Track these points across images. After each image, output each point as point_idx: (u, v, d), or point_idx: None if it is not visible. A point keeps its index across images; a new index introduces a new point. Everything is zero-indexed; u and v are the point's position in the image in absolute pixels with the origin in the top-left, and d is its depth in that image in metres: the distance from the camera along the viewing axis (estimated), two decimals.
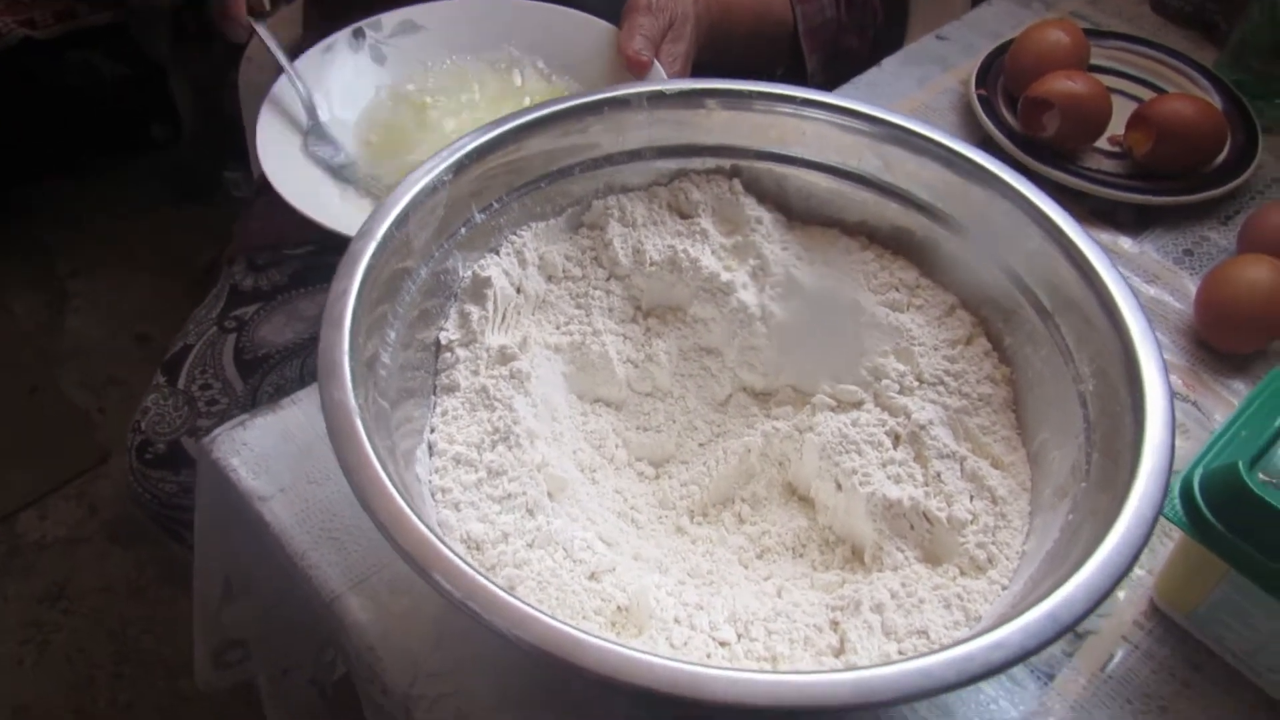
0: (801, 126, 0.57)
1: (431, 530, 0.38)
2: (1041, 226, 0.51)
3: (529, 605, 0.35)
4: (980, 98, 0.82)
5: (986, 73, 0.85)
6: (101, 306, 1.73)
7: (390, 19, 0.77)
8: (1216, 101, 0.82)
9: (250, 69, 1.13)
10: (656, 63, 0.72)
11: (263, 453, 0.58)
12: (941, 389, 0.52)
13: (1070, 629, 0.36)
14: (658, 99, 0.56)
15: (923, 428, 0.51)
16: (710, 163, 0.59)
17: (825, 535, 0.52)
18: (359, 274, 0.46)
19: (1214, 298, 0.67)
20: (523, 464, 0.49)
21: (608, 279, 0.58)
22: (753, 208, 0.58)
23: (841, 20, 0.94)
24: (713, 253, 0.57)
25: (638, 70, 0.71)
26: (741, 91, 0.56)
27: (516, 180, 0.55)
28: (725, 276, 0.55)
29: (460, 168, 0.52)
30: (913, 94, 0.86)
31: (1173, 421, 0.42)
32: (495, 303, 0.54)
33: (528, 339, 0.54)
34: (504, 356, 0.53)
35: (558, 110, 0.55)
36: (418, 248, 0.51)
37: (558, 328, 0.56)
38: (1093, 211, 0.76)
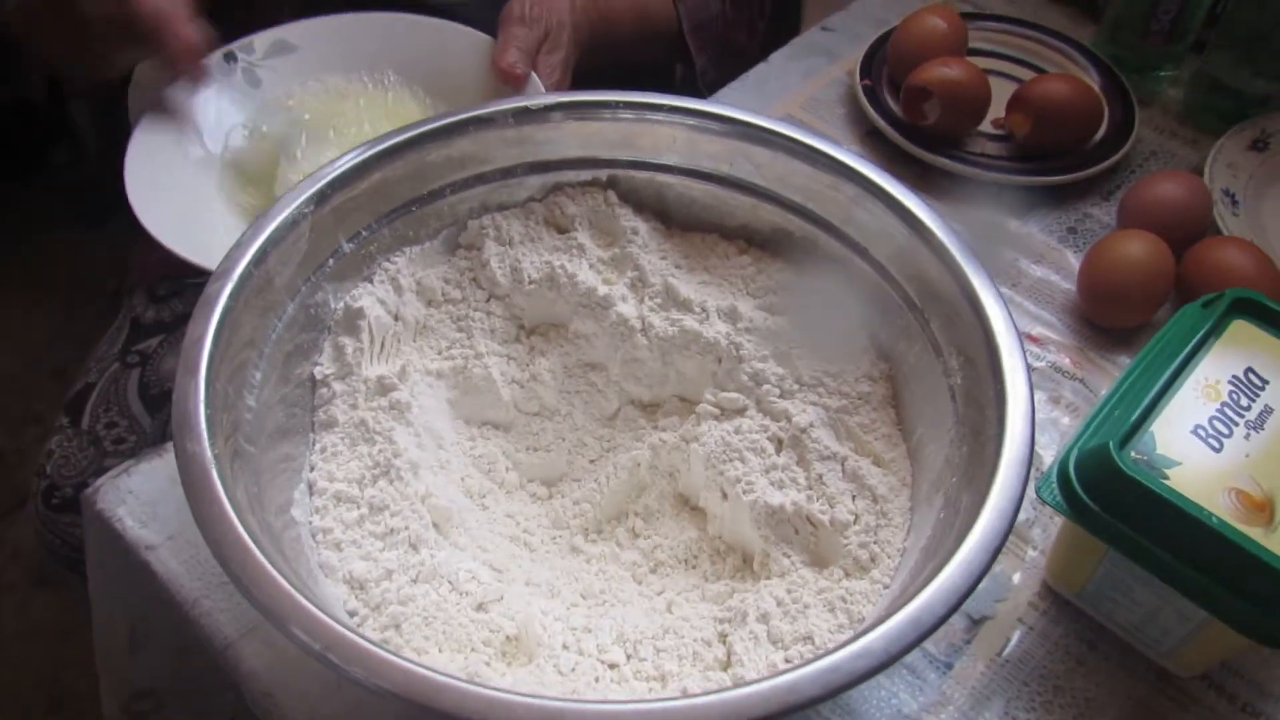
0: (673, 134, 0.57)
1: (292, 579, 0.37)
2: (906, 222, 0.51)
3: (387, 651, 0.35)
4: (865, 88, 0.82)
5: (871, 62, 0.85)
6: (12, 337, 1.68)
7: (262, 40, 0.76)
8: (1094, 78, 0.84)
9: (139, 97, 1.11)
10: (533, 74, 0.72)
11: (149, 499, 0.57)
12: (821, 390, 0.53)
13: (932, 631, 0.37)
14: (523, 115, 0.56)
15: (804, 431, 0.51)
16: (585, 175, 0.58)
17: (716, 545, 0.52)
18: (214, 319, 0.45)
19: (1094, 273, 0.68)
20: (405, 497, 0.49)
21: (488, 300, 0.57)
22: (628, 218, 0.58)
23: (728, 16, 0.94)
24: (590, 266, 0.57)
25: (513, 83, 0.71)
26: (608, 102, 0.56)
27: (384, 206, 0.54)
28: (603, 290, 0.55)
29: (322, 197, 0.51)
30: (799, 88, 0.86)
31: (1032, 412, 0.43)
32: (371, 333, 0.53)
33: (407, 367, 0.53)
34: (382, 387, 0.52)
35: (421, 133, 0.54)
36: (281, 284, 0.50)
37: (439, 353, 0.56)
38: (979, 195, 0.77)
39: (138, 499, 0.57)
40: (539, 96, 0.56)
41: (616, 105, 0.56)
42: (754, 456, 0.51)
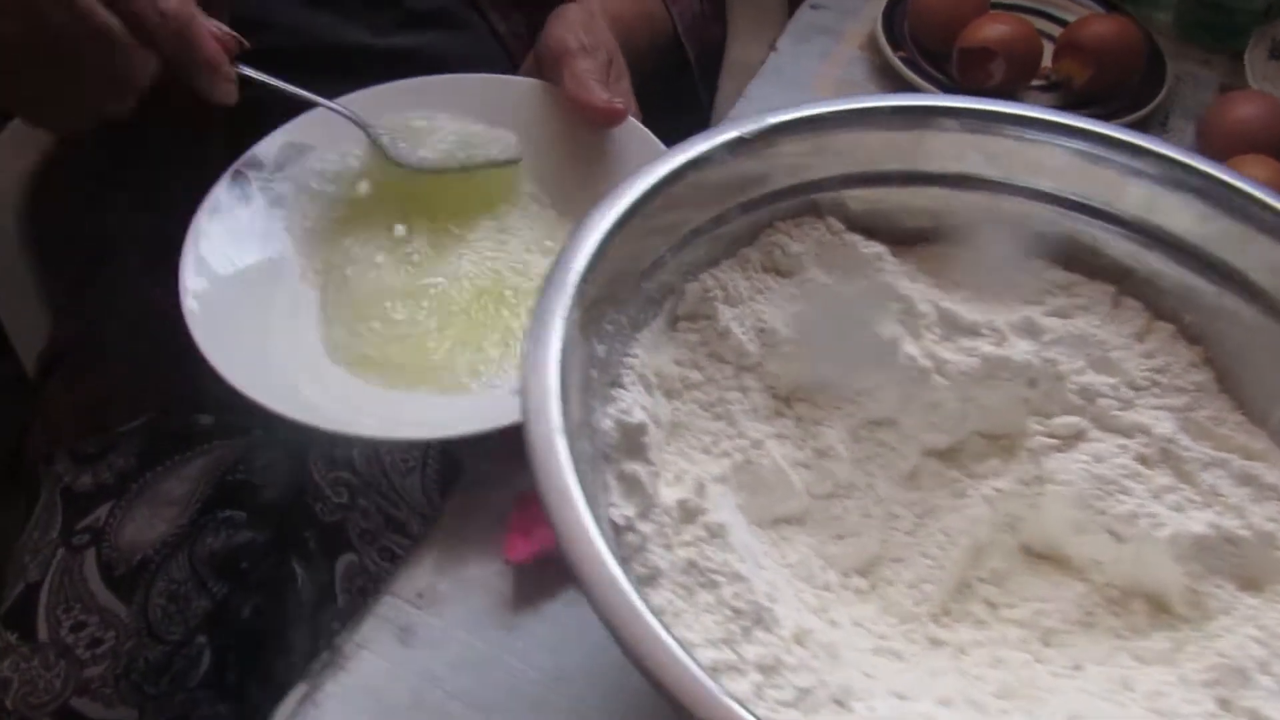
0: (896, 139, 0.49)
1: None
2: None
3: None
4: (905, 60, 0.77)
5: (890, 32, 0.80)
6: None
7: (267, 148, 0.61)
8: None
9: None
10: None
11: None
12: (1157, 390, 0.47)
13: None
14: (739, 146, 0.46)
15: (1170, 440, 0.45)
16: (795, 203, 0.49)
17: (1108, 594, 0.45)
18: (569, 476, 0.33)
19: None
20: (783, 641, 0.38)
21: (736, 374, 0.47)
22: (866, 244, 0.49)
23: (706, 11, 0.86)
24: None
25: (613, 121, 0.60)
26: (828, 115, 0.47)
27: (622, 292, 0.43)
28: (887, 333, 0.46)
29: (581, 296, 0.39)
30: (820, 70, 0.80)
31: None
32: (655, 449, 0.42)
33: (695, 478, 0.43)
34: (687, 513, 0.41)
35: (647, 191, 0.43)
36: (574, 416, 0.38)
37: (706, 452, 0.45)
38: None
39: None
40: (749, 123, 0.46)
41: (842, 116, 0.47)
42: (1135, 483, 0.44)
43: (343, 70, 0.73)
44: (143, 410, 0.80)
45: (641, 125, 0.61)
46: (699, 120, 0.94)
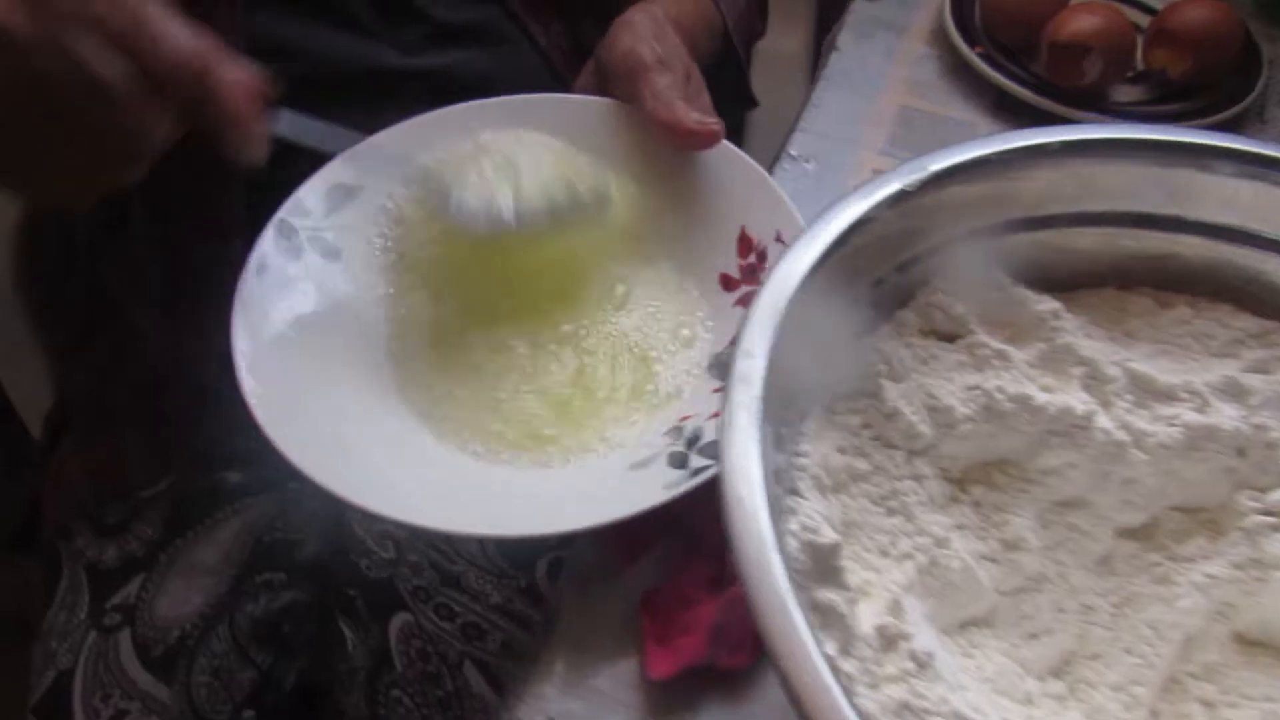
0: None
1: None
2: None
3: None
4: (982, 56, 0.71)
5: (961, 26, 0.74)
6: None
7: (311, 192, 0.53)
8: None
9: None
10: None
11: None
12: None
13: None
14: (899, 199, 0.40)
15: None
16: (947, 257, 0.43)
17: None
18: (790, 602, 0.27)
19: None
20: None
21: (907, 460, 0.41)
22: (1037, 299, 0.43)
23: (750, 6, 0.79)
24: (1026, 377, 0.42)
25: (709, 143, 0.53)
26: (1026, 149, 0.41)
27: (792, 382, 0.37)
28: (1081, 408, 0.41)
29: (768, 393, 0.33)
30: (889, 71, 0.74)
31: None
32: (850, 571, 0.36)
33: (889, 594, 0.37)
34: (887, 640, 0.36)
35: (806, 279, 0.37)
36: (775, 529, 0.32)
37: (884, 554, 0.39)
38: None
39: None
40: (908, 172, 0.40)
41: (1010, 156, 0.41)
42: None
43: (370, 97, 0.65)
44: (164, 472, 0.73)
45: (733, 146, 0.55)
46: (737, 121, 0.87)
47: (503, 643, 0.68)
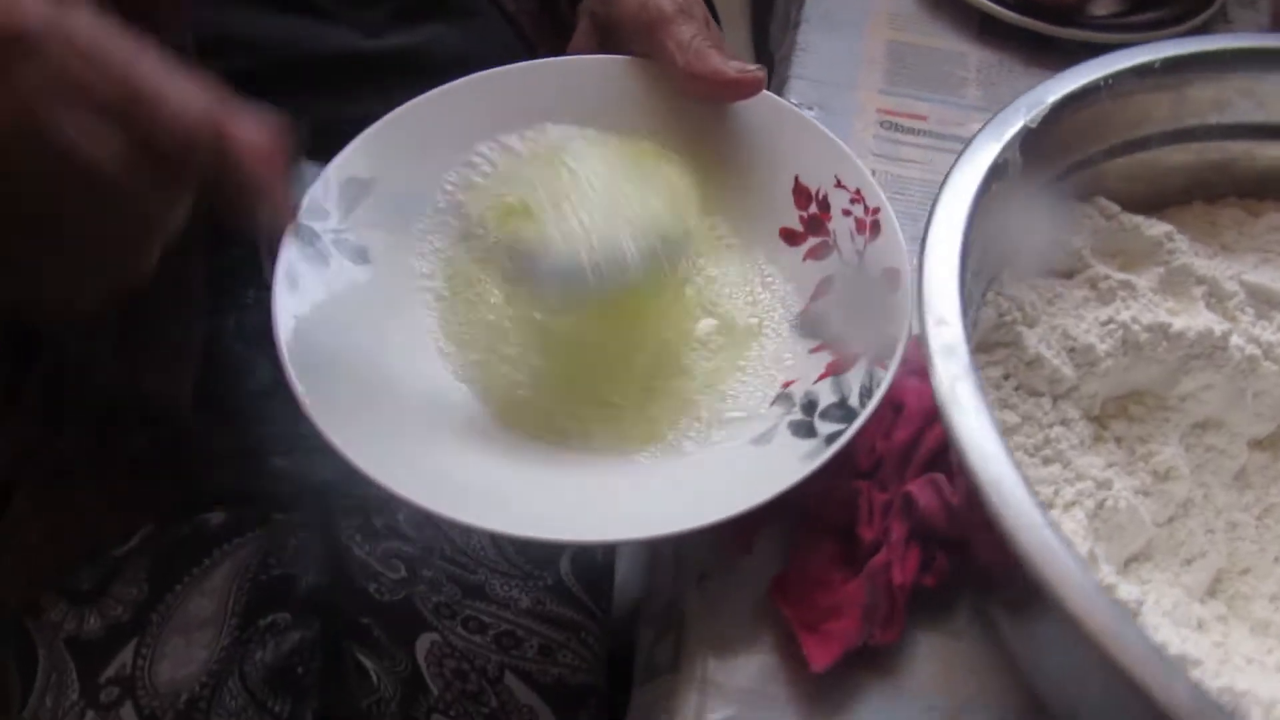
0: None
1: None
2: None
3: None
4: None
5: None
6: None
7: (326, 192, 0.48)
8: None
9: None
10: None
11: None
12: None
13: None
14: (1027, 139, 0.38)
15: None
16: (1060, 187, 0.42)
17: None
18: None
19: None
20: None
21: (1054, 405, 0.40)
22: (1149, 224, 0.42)
23: None
24: (1154, 305, 0.41)
25: (753, 90, 0.49)
26: None
27: None
28: (1219, 328, 0.40)
29: None
30: (870, 5, 0.72)
31: None
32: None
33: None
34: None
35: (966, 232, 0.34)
36: None
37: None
38: None
39: None
40: (1028, 108, 0.38)
41: (1120, 78, 0.40)
42: None
43: (337, 84, 0.60)
44: (137, 523, 0.66)
45: (775, 95, 0.52)
46: None
47: (540, 647, 0.65)
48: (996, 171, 0.37)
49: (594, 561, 0.72)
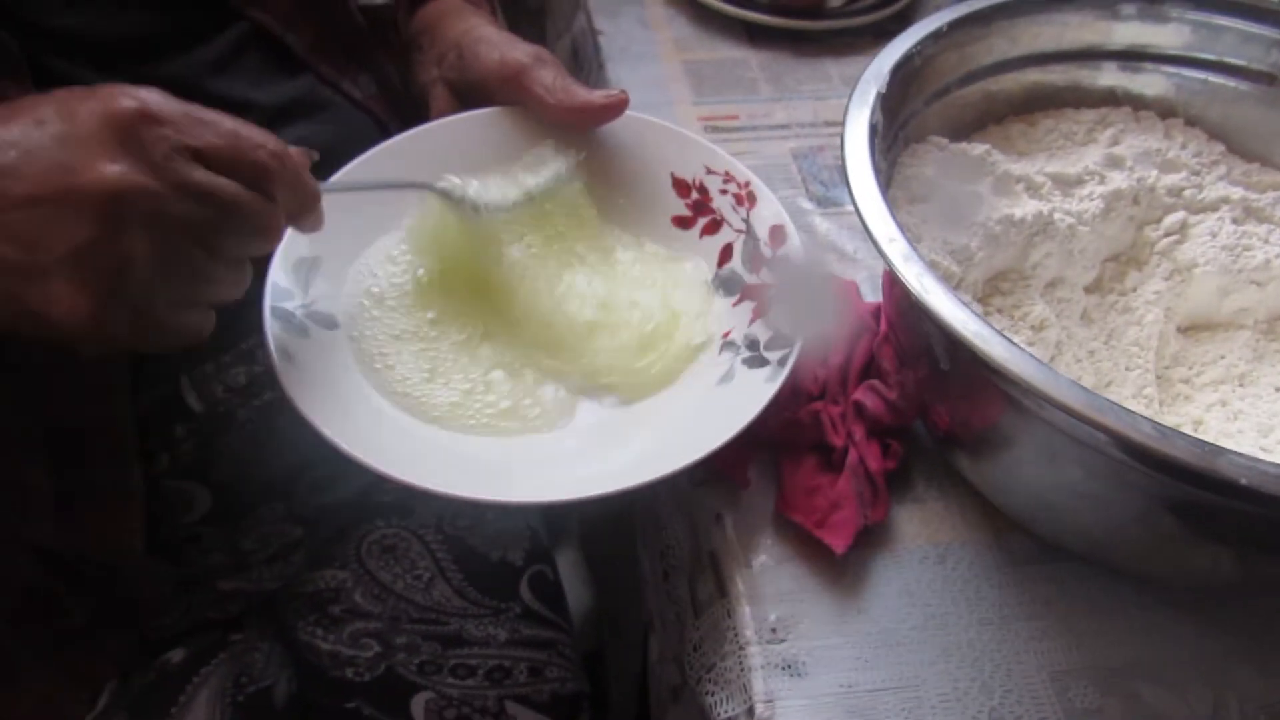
0: None
1: None
2: None
3: None
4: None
5: None
6: None
7: (281, 274, 0.53)
8: None
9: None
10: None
11: None
12: (1207, 168, 0.58)
13: None
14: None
15: (1244, 198, 0.57)
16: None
17: (1261, 329, 0.56)
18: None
19: None
20: None
21: None
22: (971, 147, 0.55)
23: None
24: (993, 204, 0.54)
25: (619, 110, 0.59)
26: None
27: None
28: (1043, 209, 0.53)
29: None
30: (654, 36, 0.84)
31: None
32: None
33: None
34: None
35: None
36: None
37: None
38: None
39: None
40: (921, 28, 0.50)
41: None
42: (1248, 239, 0.55)
43: None
44: (99, 683, 0.64)
45: (635, 113, 0.61)
46: None
47: (529, 670, 0.70)
48: (873, 131, 0.48)
49: (546, 580, 0.76)
